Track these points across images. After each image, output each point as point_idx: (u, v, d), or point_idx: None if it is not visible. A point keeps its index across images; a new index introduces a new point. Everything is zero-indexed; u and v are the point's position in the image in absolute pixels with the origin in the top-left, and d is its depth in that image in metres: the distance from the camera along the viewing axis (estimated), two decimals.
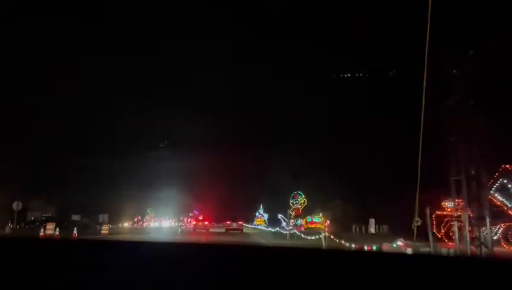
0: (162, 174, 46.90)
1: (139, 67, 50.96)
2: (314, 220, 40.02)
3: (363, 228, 24.86)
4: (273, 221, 54.12)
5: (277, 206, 53.40)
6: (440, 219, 20.97)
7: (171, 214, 58.60)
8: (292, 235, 22.55)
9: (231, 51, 53.80)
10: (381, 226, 24.45)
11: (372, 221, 18.61)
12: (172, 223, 55.73)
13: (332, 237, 16.88)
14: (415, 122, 13.40)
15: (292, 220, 41.29)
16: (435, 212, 20.03)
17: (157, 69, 54.90)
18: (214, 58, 56.48)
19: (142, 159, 46.81)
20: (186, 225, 50.23)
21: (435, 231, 19.01)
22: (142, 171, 47.23)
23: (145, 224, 50.10)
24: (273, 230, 25.56)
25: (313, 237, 18.46)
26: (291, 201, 48.45)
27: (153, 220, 53.35)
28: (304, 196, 47.38)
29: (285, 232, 20.81)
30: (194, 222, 38.68)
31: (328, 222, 39.65)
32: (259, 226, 57.29)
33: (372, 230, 18.19)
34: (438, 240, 18.73)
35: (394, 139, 28.86)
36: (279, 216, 53.36)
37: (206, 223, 36.58)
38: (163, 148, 50.60)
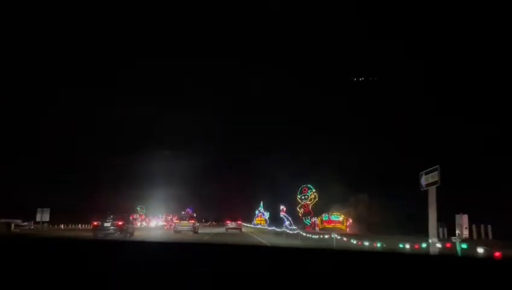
0: (156, 172, 42.74)
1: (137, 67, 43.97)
2: (332, 218, 32.81)
3: (445, 230, 16.76)
4: (275, 220, 48.10)
5: (280, 203, 47.30)
6: None
7: (163, 213, 53.98)
8: None
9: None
10: (482, 227, 15.99)
11: (463, 218, 11.35)
12: (161, 223, 50.56)
13: None
14: None
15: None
16: None
17: (153, 69, 47.76)
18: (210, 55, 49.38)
19: (133, 156, 41.59)
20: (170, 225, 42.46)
21: None
22: (134, 168, 43.14)
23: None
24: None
25: None
26: (299, 196, 41.14)
27: (140, 219, 48.22)
28: (314, 190, 40.07)
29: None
30: (176, 221, 29.99)
31: (351, 220, 32.51)
32: (259, 225, 50.88)
33: (466, 233, 11.28)
34: None
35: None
36: (282, 214, 47.04)
37: (192, 222, 27.69)
38: (160, 146, 45.11)
